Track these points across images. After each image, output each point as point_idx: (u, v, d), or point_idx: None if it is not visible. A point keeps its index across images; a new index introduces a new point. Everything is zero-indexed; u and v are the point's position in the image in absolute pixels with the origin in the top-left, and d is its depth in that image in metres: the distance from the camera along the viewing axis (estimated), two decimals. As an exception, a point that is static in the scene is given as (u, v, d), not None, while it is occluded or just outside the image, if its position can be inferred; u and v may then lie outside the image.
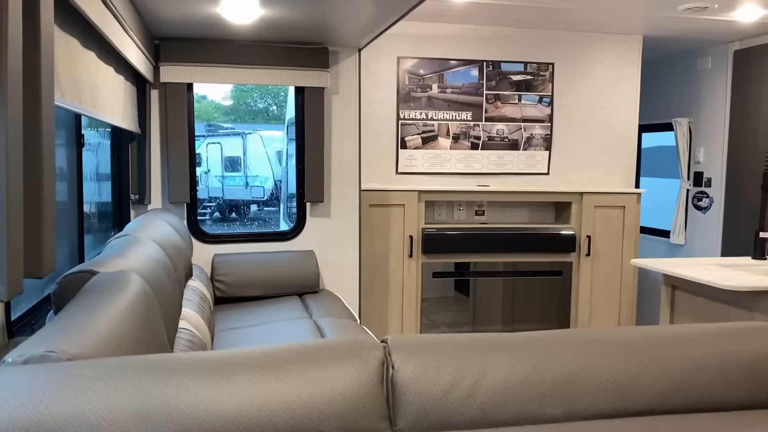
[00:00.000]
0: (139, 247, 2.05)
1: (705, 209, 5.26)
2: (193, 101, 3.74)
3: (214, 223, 19.47)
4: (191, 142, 3.70)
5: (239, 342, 2.84)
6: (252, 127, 21.56)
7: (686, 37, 4.75)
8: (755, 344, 1.09)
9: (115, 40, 2.37)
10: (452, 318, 4.59)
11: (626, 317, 4.67)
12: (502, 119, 4.60)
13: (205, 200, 19.90)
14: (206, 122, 22.31)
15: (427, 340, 0.99)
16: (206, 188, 20.16)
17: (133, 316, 1.33)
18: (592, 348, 1.03)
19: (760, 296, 2.97)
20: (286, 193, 10.29)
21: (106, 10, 2.17)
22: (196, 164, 14.40)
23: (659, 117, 5.69)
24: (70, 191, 2.46)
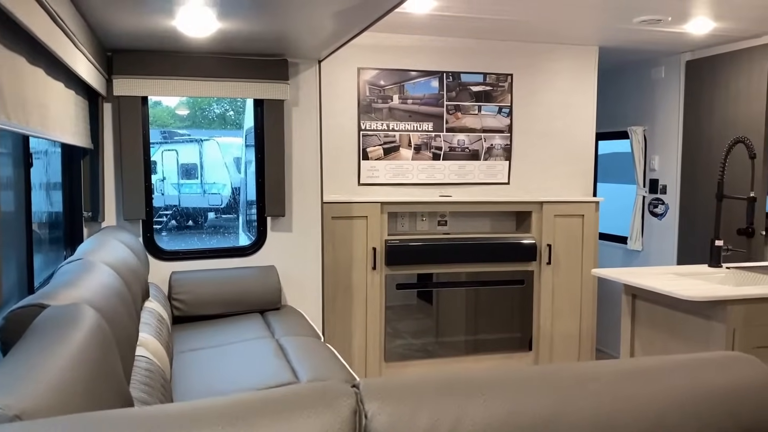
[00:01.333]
0: (92, 274, 1.96)
1: (661, 216, 5.37)
2: (148, 115, 3.63)
3: (171, 232, 19.09)
4: (146, 157, 3.59)
5: (199, 365, 2.76)
6: (209, 134, 21.25)
7: (640, 47, 4.84)
8: (730, 376, 1.08)
9: (64, 54, 2.28)
10: (416, 326, 4.56)
11: (587, 324, 4.72)
12: (463, 130, 4.61)
13: (161, 208, 19.52)
14: (161, 129, 21.90)
15: (401, 385, 0.96)
16: (162, 196, 19.78)
17: (87, 356, 1.26)
18: (568, 387, 1.01)
19: (718, 305, 3.02)
20: (245, 201, 10.14)
21: (53, 24, 2.08)
22: (152, 172, 14.11)
23: (615, 125, 5.79)
24: (17, 211, 2.35)
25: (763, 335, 3.04)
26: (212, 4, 2.61)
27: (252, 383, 2.50)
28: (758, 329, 3.03)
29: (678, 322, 3.28)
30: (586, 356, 4.74)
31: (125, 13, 2.67)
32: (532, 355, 4.65)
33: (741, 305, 3.01)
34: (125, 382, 1.51)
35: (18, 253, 2.37)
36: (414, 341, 4.53)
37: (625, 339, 3.65)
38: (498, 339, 4.64)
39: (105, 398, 1.30)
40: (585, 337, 4.72)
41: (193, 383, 2.55)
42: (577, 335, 4.71)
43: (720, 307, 3.02)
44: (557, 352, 4.68)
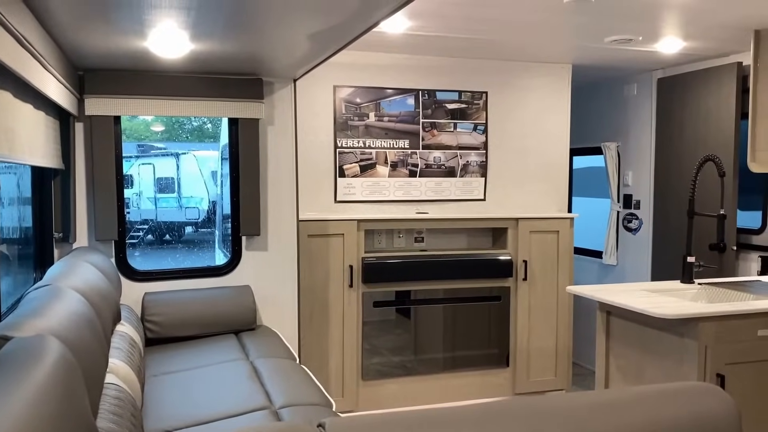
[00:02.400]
0: (59, 302, 1.93)
1: (635, 230, 5.43)
2: (120, 134, 3.59)
3: (148, 246, 18.87)
4: (119, 177, 3.55)
5: (171, 390, 2.72)
6: (186, 147, 21.09)
7: (613, 65, 4.91)
8: (695, 407, 1.09)
9: (33, 77, 2.25)
10: (394, 342, 4.55)
11: (563, 340, 4.74)
12: (439, 147, 4.63)
13: (137, 222, 19.29)
14: (138, 142, 21.68)
15: (368, 423, 0.95)
16: (138, 210, 19.56)
17: (51, 393, 1.23)
18: (535, 421, 1.01)
19: (691, 322, 3.05)
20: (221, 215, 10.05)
21: (20, 48, 2.05)
22: (128, 186, 13.97)
23: (590, 141, 5.86)
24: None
25: (734, 352, 3.08)
26: (185, 27, 2.60)
27: (225, 409, 2.46)
28: (730, 346, 3.07)
29: (651, 339, 3.31)
30: (562, 372, 4.76)
31: (97, 35, 2.65)
32: (510, 371, 4.66)
33: (712, 322, 3.04)
34: (91, 415, 1.48)
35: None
36: (392, 358, 4.52)
37: (600, 356, 3.67)
38: (475, 355, 4.64)
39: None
40: (561, 353, 4.75)
41: (165, 409, 2.51)
42: (554, 351, 4.73)
43: (692, 325, 3.05)
44: (534, 368, 4.69)
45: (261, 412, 2.42)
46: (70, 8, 2.26)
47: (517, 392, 4.67)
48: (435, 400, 4.49)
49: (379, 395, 4.37)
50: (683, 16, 3.59)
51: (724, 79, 4.44)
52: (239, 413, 2.41)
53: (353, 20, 2.38)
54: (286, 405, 2.51)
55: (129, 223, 19.23)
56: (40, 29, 2.35)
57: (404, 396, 4.42)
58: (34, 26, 2.24)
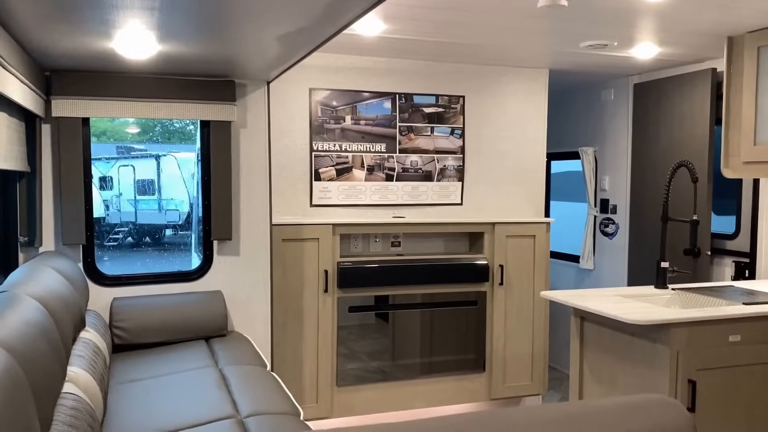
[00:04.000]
0: (13, 310, 1.87)
1: (612, 235, 5.45)
2: (89, 136, 3.52)
3: (127, 248, 18.65)
4: (87, 179, 3.48)
5: (136, 398, 2.66)
6: (167, 148, 20.88)
7: (590, 70, 4.92)
8: (652, 421, 1.07)
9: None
10: (372, 346, 4.51)
11: (539, 344, 4.73)
12: (416, 151, 4.61)
13: (116, 224, 19.08)
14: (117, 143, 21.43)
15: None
16: (118, 212, 19.34)
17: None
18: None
19: (663, 328, 3.05)
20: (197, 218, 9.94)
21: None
22: (109, 187, 13.72)
23: (567, 145, 5.87)
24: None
25: (705, 357, 3.08)
26: (152, 27, 2.55)
27: (189, 418, 2.41)
28: (701, 351, 3.07)
29: (624, 344, 3.31)
30: (538, 376, 4.75)
31: (60, 35, 2.59)
32: (486, 376, 4.64)
33: (684, 328, 3.04)
34: (38, 427, 1.43)
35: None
36: (370, 363, 4.48)
37: (574, 362, 3.66)
38: (452, 361, 4.61)
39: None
40: (537, 357, 4.73)
41: (128, 418, 2.46)
42: (530, 355, 4.72)
43: (664, 330, 3.05)
44: (510, 372, 4.68)
45: (226, 421, 2.37)
46: (31, 7, 2.21)
47: (493, 397, 4.65)
48: (410, 405, 4.46)
49: (354, 401, 4.32)
50: (658, 22, 3.60)
51: (699, 85, 4.46)
52: (203, 422, 2.36)
53: (321, 23, 2.35)
54: (252, 414, 2.46)
55: (108, 226, 19.03)
56: (0, 29, 2.29)
57: (379, 402, 4.38)
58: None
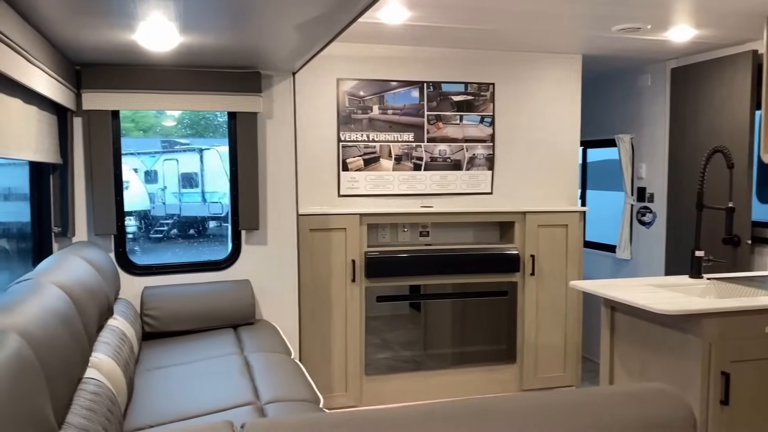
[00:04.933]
0: (35, 298, 1.92)
1: (649, 224, 5.31)
2: (119, 128, 3.59)
3: (172, 240, 19.07)
4: (117, 171, 3.55)
5: (161, 384, 2.71)
6: (210, 142, 21.22)
7: (625, 55, 4.79)
8: (648, 410, 1.03)
9: (15, 72, 2.25)
10: (405, 337, 4.50)
11: (572, 335, 4.66)
12: (444, 140, 4.57)
13: (161, 217, 19.52)
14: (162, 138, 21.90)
15: (293, 425, 0.91)
16: (163, 205, 19.79)
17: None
18: (488, 422, 0.97)
19: (694, 318, 2.96)
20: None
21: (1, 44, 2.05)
22: (154, 181, 13.94)
23: (603, 133, 5.74)
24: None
25: (739, 349, 2.98)
26: (174, 18, 2.58)
27: (210, 404, 2.45)
28: (735, 343, 2.97)
29: (656, 335, 3.23)
30: (571, 367, 4.68)
31: (86, 29, 2.64)
32: (517, 367, 4.59)
33: (717, 318, 2.95)
34: (49, 411, 1.47)
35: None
36: (402, 353, 4.48)
37: (604, 353, 3.59)
38: (482, 351, 4.58)
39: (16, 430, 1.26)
40: (570, 348, 4.66)
41: (151, 404, 2.51)
42: (563, 346, 4.65)
43: (695, 321, 2.96)
44: (542, 363, 4.62)
45: (246, 407, 2.40)
46: (54, 2, 2.25)
47: (525, 388, 4.60)
48: (439, 395, 4.44)
49: (384, 390, 4.33)
50: (693, 3, 3.47)
51: (739, 68, 4.30)
52: (223, 409, 2.40)
53: (336, 10, 2.34)
54: (272, 400, 2.48)
55: (154, 218, 19.50)
56: (23, 24, 2.35)
57: (409, 391, 4.38)
58: (15, 22, 2.24)
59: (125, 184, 14.71)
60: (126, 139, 14.79)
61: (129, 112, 10.20)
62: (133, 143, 17.76)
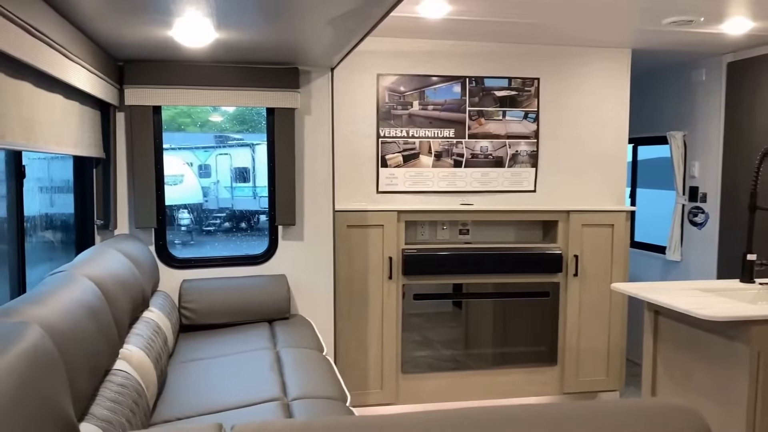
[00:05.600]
0: (65, 290, 1.96)
1: (701, 225, 5.11)
2: (160, 123, 3.65)
3: (224, 233, 19.46)
4: (158, 166, 3.61)
5: (193, 377, 2.75)
6: (262, 138, 21.52)
7: (678, 49, 4.61)
8: (661, 427, 0.97)
9: (55, 69, 2.30)
10: (447, 335, 4.45)
11: (616, 339, 4.52)
12: (486, 136, 4.49)
13: (214, 210, 19.94)
14: (216, 133, 22.35)
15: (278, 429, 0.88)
16: (216, 199, 20.21)
17: (7, 381, 1.23)
18: (490, 430, 0.93)
19: (742, 325, 2.82)
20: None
21: (36, 41, 2.09)
22: (207, 175, 14.08)
23: (655, 130, 5.55)
24: (9, 221, 2.39)
25: (791, 359, 2.82)
26: (210, 14, 2.60)
27: (238, 399, 2.46)
28: (786, 352, 2.82)
29: (701, 341, 3.09)
30: (614, 371, 4.54)
31: (123, 26, 2.68)
32: (557, 369, 4.48)
33: (766, 326, 2.80)
34: (66, 403, 1.49)
35: (11, 262, 2.41)
36: (441, 351, 4.43)
37: (647, 358, 3.47)
38: (523, 352, 4.49)
39: (30, 423, 1.28)
40: (614, 352, 4.52)
41: (182, 396, 2.54)
42: (606, 350, 4.51)
43: (744, 328, 2.82)
44: (584, 366, 4.49)
45: (272, 403, 2.40)
46: (92, 3, 2.29)
47: (566, 392, 4.49)
48: (477, 396, 4.38)
49: (420, 389, 4.30)
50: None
51: (800, 62, 4.08)
52: (250, 404, 2.41)
53: (368, 4, 2.30)
54: (299, 397, 2.48)
55: (207, 211, 19.94)
56: (62, 22, 2.39)
57: (446, 391, 4.33)
58: (53, 19, 2.29)
59: (180, 178, 14.89)
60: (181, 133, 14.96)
61: (185, 108, 10.43)
62: (188, 138, 18.18)
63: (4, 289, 2.42)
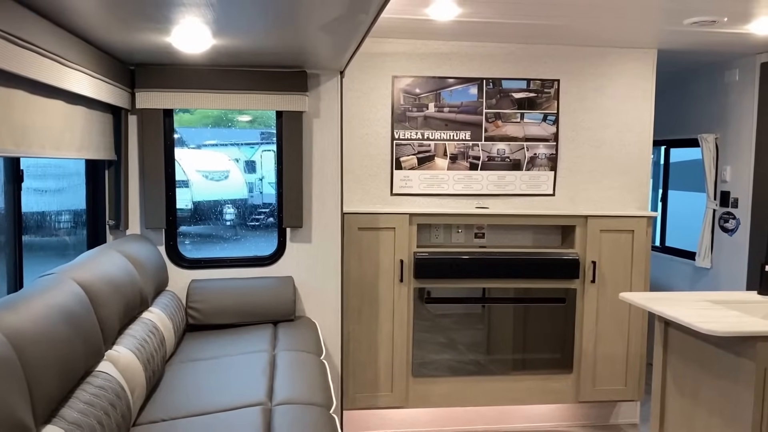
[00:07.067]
0: (46, 293, 2.02)
1: (731, 231, 4.92)
2: (172, 126, 3.72)
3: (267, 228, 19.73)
4: (169, 168, 3.68)
5: (186, 378, 2.79)
6: (306, 134, 21.65)
7: (707, 49, 4.45)
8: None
9: (49, 77, 2.36)
10: (473, 337, 4.38)
11: (635, 348, 4.39)
12: (503, 138, 4.42)
13: (258, 206, 20.24)
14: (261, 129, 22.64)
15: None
16: (260, 194, 20.51)
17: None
18: None
19: (748, 341, 2.70)
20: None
21: (24, 51, 2.15)
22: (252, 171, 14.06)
23: (686, 132, 5.38)
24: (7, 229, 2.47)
25: (801, 378, 2.69)
26: (208, 22, 2.63)
27: (223, 402, 2.49)
28: (796, 371, 2.69)
29: (709, 356, 2.98)
30: (633, 381, 4.42)
31: (125, 33, 2.74)
32: (573, 377, 4.39)
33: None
34: (22, 410, 1.53)
35: (9, 265, 2.49)
36: (467, 352, 4.37)
37: (657, 370, 3.37)
38: (537, 359, 4.41)
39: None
40: (633, 361, 4.40)
41: (171, 397, 2.59)
42: (624, 359, 4.39)
43: (749, 344, 2.71)
44: (601, 375, 4.39)
45: (255, 408, 2.42)
46: (86, 11, 2.35)
47: (581, 400, 4.39)
48: (488, 402, 4.33)
49: (430, 393, 4.27)
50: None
51: (834, 63, 3.88)
52: (233, 407, 2.43)
53: (353, 11, 2.29)
54: (283, 402, 2.49)
55: (252, 207, 20.27)
56: (57, 31, 2.45)
57: (456, 396, 4.29)
58: (46, 29, 2.34)
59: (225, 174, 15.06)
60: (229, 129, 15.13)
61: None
62: (236, 134, 18.51)
63: (2, 289, 2.51)
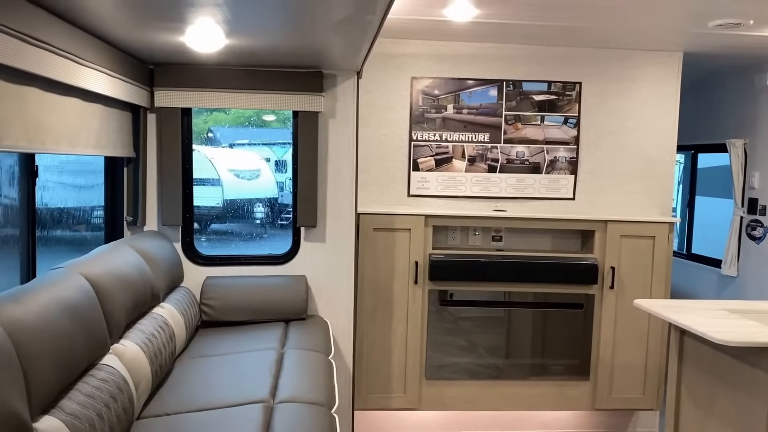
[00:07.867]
0: (52, 287, 2.06)
1: (759, 239, 4.80)
2: (190, 125, 3.77)
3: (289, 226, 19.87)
4: (186, 166, 3.73)
5: (194, 374, 2.83)
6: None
7: (736, 53, 4.34)
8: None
9: (63, 75, 2.41)
10: (495, 341, 4.34)
11: (654, 356, 4.31)
12: (523, 141, 4.38)
13: (287, 205, 20.38)
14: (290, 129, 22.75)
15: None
16: (290, 194, 20.66)
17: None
18: None
19: (762, 351, 2.63)
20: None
21: (39, 50, 2.20)
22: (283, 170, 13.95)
23: (714, 137, 5.26)
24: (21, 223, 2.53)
25: (818, 392, 2.61)
26: (221, 21, 2.66)
27: (227, 398, 2.52)
28: (813, 384, 2.61)
29: (725, 366, 2.91)
30: (651, 389, 4.33)
31: (143, 32, 2.78)
32: (590, 384, 4.32)
33: (790, 355, 2.60)
34: (17, 403, 1.57)
35: (22, 257, 2.55)
36: (487, 356, 4.33)
37: (671, 380, 3.30)
38: (553, 365, 4.35)
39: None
40: (651, 369, 4.31)
41: (177, 392, 2.62)
42: (643, 367, 4.31)
43: (764, 355, 2.63)
44: (618, 383, 4.31)
45: (257, 405, 2.43)
46: (101, 12, 2.39)
47: (598, 407, 4.33)
48: (502, 407, 4.30)
49: (444, 396, 4.25)
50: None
51: None
52: (236, 404, 2.45)
53: (360, 12, 2.30)
54: (285, 400, 2.51)
55: (281, 206, 20.45)
56: (71, 30, 2.50)
57: (469, 399, 4.26)
58: (63, 29, 2.40)
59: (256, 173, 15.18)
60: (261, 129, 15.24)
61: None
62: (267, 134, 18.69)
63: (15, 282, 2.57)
